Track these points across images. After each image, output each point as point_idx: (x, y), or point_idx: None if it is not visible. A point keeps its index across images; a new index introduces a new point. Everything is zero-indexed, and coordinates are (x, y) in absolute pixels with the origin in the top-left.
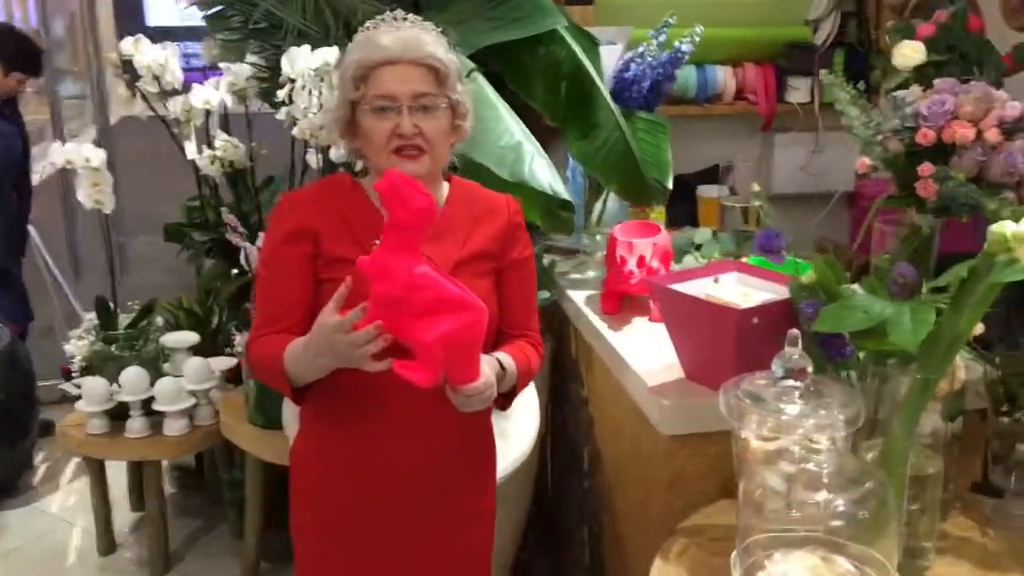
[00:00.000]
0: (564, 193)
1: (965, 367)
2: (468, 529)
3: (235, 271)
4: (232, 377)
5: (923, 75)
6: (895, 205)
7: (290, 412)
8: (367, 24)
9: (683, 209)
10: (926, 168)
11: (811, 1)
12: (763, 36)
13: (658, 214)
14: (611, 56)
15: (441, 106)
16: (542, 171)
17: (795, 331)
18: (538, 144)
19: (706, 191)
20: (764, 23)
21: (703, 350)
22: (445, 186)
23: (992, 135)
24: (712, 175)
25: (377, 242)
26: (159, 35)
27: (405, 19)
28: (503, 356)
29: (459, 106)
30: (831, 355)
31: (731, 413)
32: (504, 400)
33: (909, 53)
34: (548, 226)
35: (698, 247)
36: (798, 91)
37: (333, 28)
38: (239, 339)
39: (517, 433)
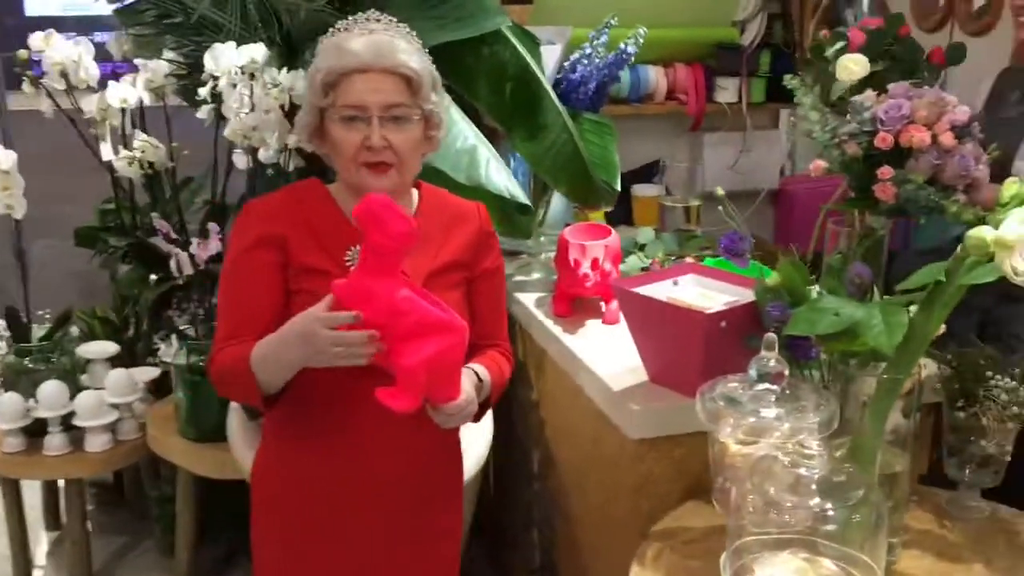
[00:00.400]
0: (522, 196)
1: (923, 364)
2: (436, 545)
3: (154, 277)
4: (155, 388)
5: (862, 84)
6: (853, 207)
7: (236, 423)
8: (338, 25)
9: (618, 208)
10: (886, 171)
11: (738, 3)
12: (693, 37)
13: (597, 215)
14: (551, 56)
15: (414, 117)
16: (498, 174)
17: (772, 335)
18: (492, 147)
19: (642, 190)
20: (694, 24)
21: (669, 353)
22: (415, 194)
23: (947, 139)
24: (644, 174)
25: (350, 256)
26: (41, 26)
27: (378, 21)
28: (479, 368)
29: (432, 116)
30: (798, 356)
31: (708, 417)
32: (477, 412)
33: (853, 67)
34: (505, 230)
35: (641, 247)
36: (726, 91)
37: (261, 25)
38: (163, 348)
39: (472, 437)
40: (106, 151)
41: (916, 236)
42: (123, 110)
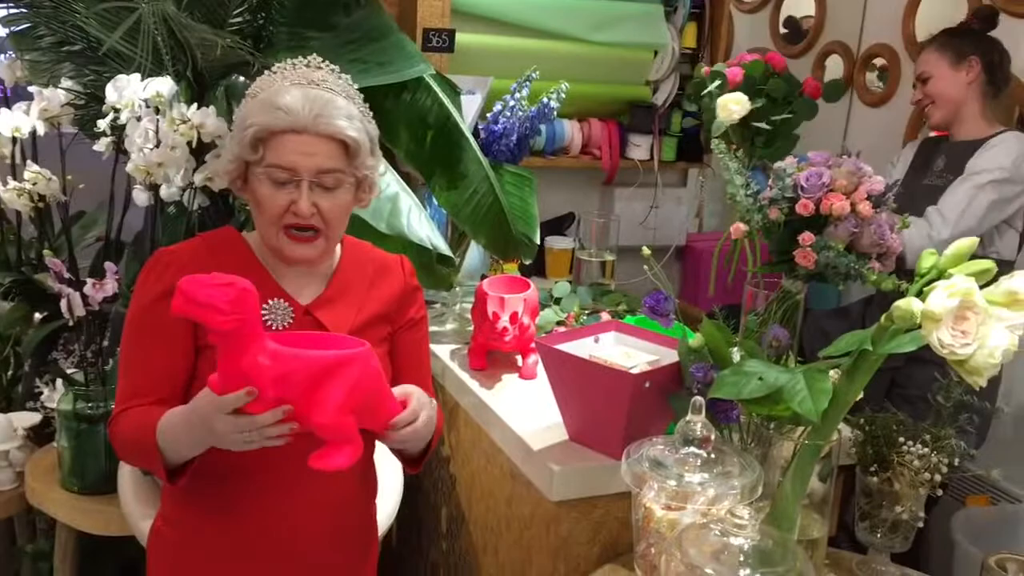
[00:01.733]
0: (444, 247)
1: (839, 429)
2: None
3: (39, 316)
4: (34, 436)
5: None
6: (774, 271)
7: (128, 476)
8: (275, 68)
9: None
10: (807, 237)
11: (652, 63)
12: (608, 94)
13: (511, 266)
14: (470, 106)
15: (346, 182)
16: (420, 224)
17: (699, 399)
18: (415, 196)
19: (556, 242)
20: (609, 81)
21: (592, 412)
22: (337, 248)
23: (865, 208)
24: (556, 226)
25: (266, 310)
26: None
27: (320, 68)
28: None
29: (365, 181)
30: (719, 419)
31: (634, 480)
32: (418, 457)
33: (732, 106)
34: (426, 281)
35: (557, 300)
36: (639, 148)
37: (170, 59)
38: (46, 393)
39: (383, 489)
40: None
41: (813, 299)
42: (14, 139)
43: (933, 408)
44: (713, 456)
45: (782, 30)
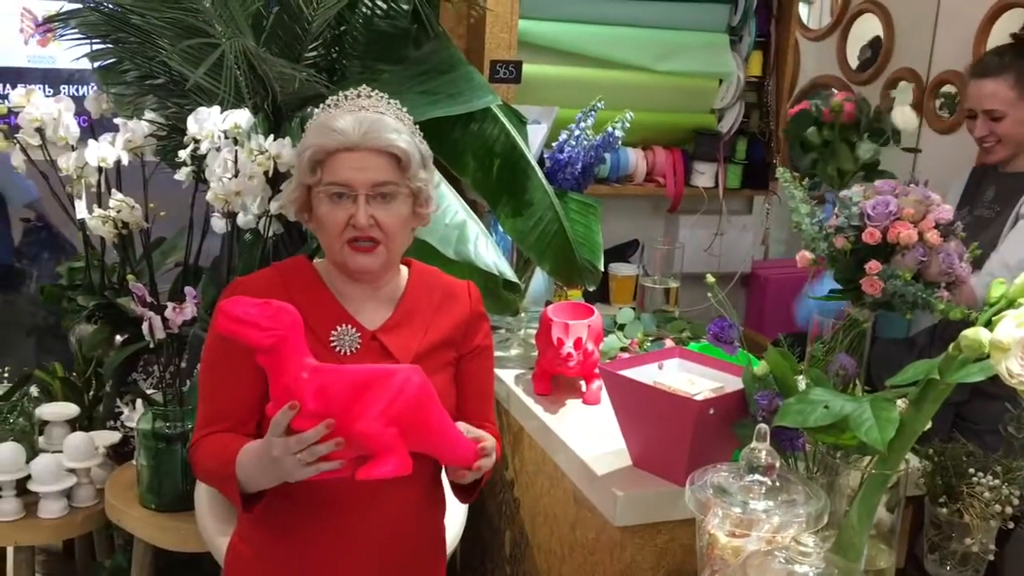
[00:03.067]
0: (510, 274)
1: (907, 459)
2: None
3: (119, 338)
4: (114, 454)
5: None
6: (839, 299)
7: (205, 494)
8: (328, 101)
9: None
10: (874, 266)
11: (717, 92)
12: (672, 122)
13: (576, 292)
14: (536, 135)
15: (401, 194)
16: (487, 251)
17: (764, 426)
18: (481, 223)
19: (620, 269)
20: (674, 110)
21: (655, 439)
22: (404, 271)
23: (933, 236)
24: (620, 253)
25: (335, 336)
26: (4, 77)
27: (369, 97)
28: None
29: (420, 193)
30: (784, 447)
31: (698, 507)
32: (471, 487)
33: (910, 117)
34: (492, 307)
35: (621, 327)
36: (703, 175)
37: (249, 92)
38: (126, 413)
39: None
40: (80, 209)
41: (881, 328)
42: (100, 168)
43: (1004, 439)
44: (778, 484)
45: (852, 56)
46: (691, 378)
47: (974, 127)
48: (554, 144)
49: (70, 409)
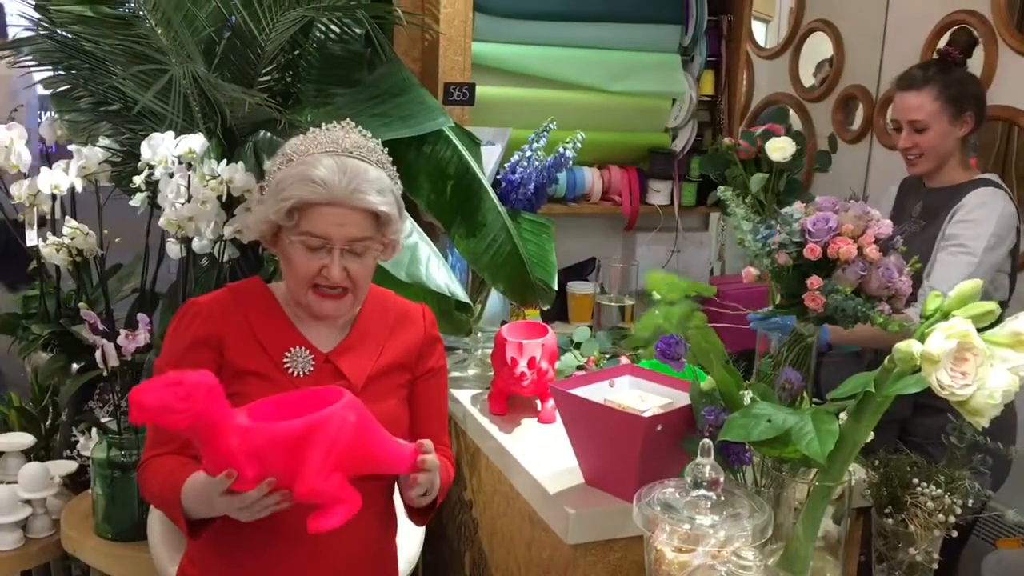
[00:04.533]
0: (461, 295)
1: (852, 471)
2: None
3: (76, 367)
4: (71, 483)
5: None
6: (783, 314)
7: (157, 523)
8: (310, 133)
9: (553, 304)
10: (815, 281)
11: (670, 111)
12: (627, 141)
13: (533, 312)
14: (490, 157)
15: (375, 248)
16: (438, 272)
17: (708, 441)
18: (434, 245)
19: (577, 287)
20: (628, 129)
21: (606, 456)
22: None
23: (872, 252)
24: (579, 271)
25: (288, 358)
26: None
27: (350, 135)
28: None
29: (391, 244)
30: (731, 462)
31: (645, 523)
32: (425, 510)
33: (782, 147)
34: (444, 328)
35: (577, 345)
36: (659, 193)
37: (201, 116)
38: (82, 442)
39: (404, 536)
40: (31, 237)
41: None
42: (54, 195)
43: (947, 450)
44: (723, 498)
45: (804, 75)
46: (641, 395)
47: (899, 139)
48: (507, 165)
49: (25, 439)
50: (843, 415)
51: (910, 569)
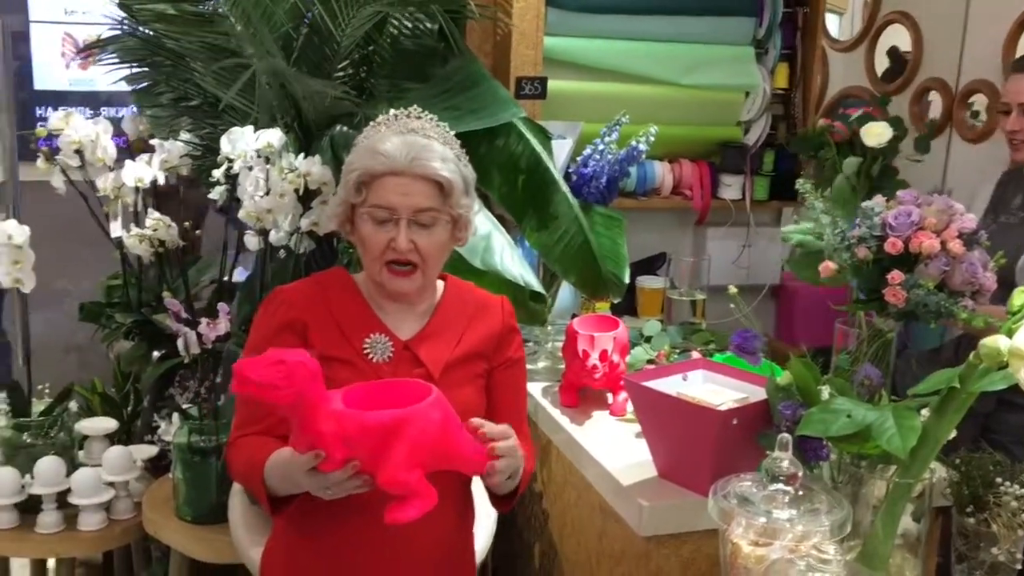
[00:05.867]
0: (536, 285)
1: (933, 469)
2: None
3: (157, 354)
4: (152, 467)
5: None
6: (862, 309)
7: (239, 507)
8: (379, 120)
9: (623, 299)
10: (896, 276)
11: (743, 104)
12: (699, 135)
13: (603, 305)
14: (561, 150)
15: (442, 220)
16: (512, 262)
17: (786, 436)
18: (508, 236)
19: (647, 282)
20: (700, 123)
21: (680, 449)
22: (439, 285)
23: (956, 246)
24: (648, 266)
25: (368, 345)
26: (48, 99)
27: (418, 118)
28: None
29: (460, 219)
30: (808, 457)
31: (721, 516)
32: (508, 496)
33: (879, 132)
34: (520, 318)
35: (647, 339)
36: (730, 188)
37: (279, 111)
38: (163, 427)
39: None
40: (116, 228)
41: (913, 339)
42: (137, 188)
43: None
44: (801, 493)
45: (880, 66)
46: (715, 389)
47: (1007, 123)
48: (579, 158)
49: (109, 424)
50: (924, 411)
51: (992, 569)
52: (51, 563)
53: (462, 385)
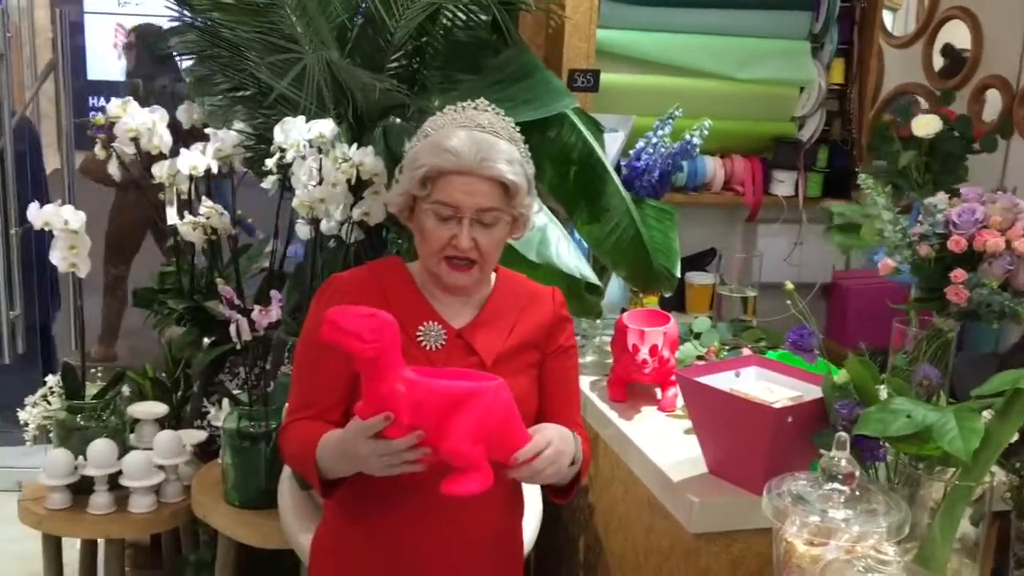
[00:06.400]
0: (591, 276)
1: (992, 472)
2: None
3: (207, 340)
4: (200, 452)
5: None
6: (923, 307)
7: (288, 492)
8: (447, 110)
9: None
10: (959, 274)
11: (798, 100)
12: (752, 130)
13: (652, 300)
14: (613, 143)
15: (503, 219)
16: (568, 254)
17: (844, 435)
18: (563, 228)
19: (696, 278)
20: (753, 118)
21: (732, 446)
22: (491, 276)
23: (1021, 244)
24: (696, 261)
25: (422, 332)
26: (100, 89)
27: (486, 111)
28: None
29: (520, 218)
30: (865, 457)
31: (775, 514)
32: (568, 486)
33: (927, 122)
34: (575, 309)
35: (697, 335)
36: (783, 184)
37: (332, 102)
38: (213, 412)
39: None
40: (171, 215)
41: (970, 341)
42: (191, 177)
43: None
44: (858, 493)
45: (936, 63)
46: (769, 386)
47: None
48: (631, 151)
49: (160, 408)
50: (985, 413)
51: None
52: (101, 544)
53: (515, 375)
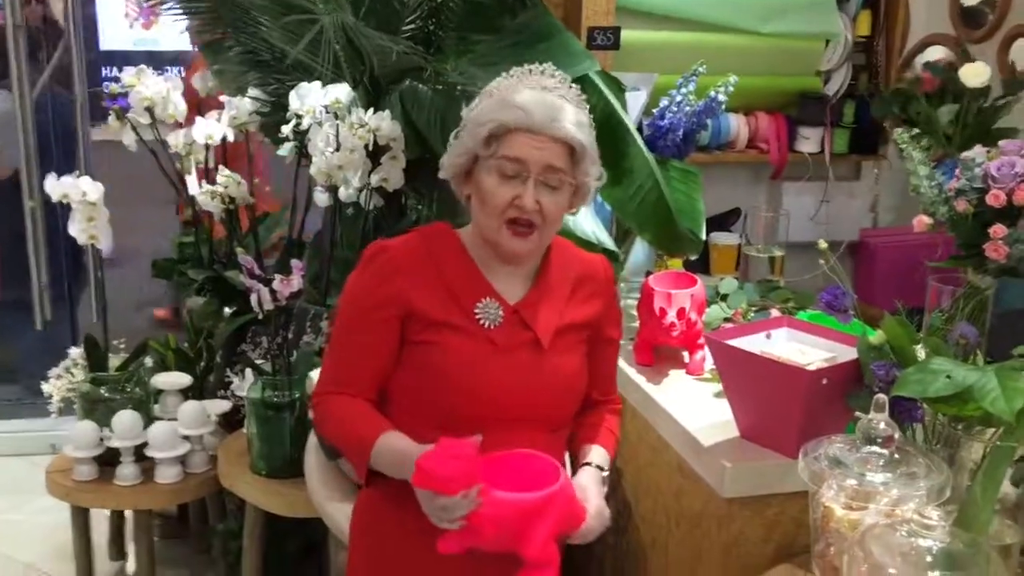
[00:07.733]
0: (609, 243)
1: None
2: None
3: (229, 310)
4: (225, 422)
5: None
6: (960, 265)
7: (315, 462)
8: (512, 72)
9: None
10: (999, 230)
11: (823, 53)
12: (776, 86)
13: (676, 262)
14: (635, 103)
15: (566, 185)
16: (585, 220)
17: (882, 396)
18: None
19: (721, 238)
20: (777, 73)
21: (765, 409)
22: None
23: None
24: (720, 222)
25: (480, 309)
26: (113, 60)
27: (553, 76)
28: (601, 457)
29: (581, 188)
30: (902, 419)
31: (812, 478)
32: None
33: (978, 71)
34: None
35: (724, 297)
36: (808, 141)
37: (348, 66)
38: (236, 382)
39: None
40: (191, 184)
41: (1003, 297)
42: (207, 145)
43: None
44: (897, 456)
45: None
46: (801, 348)
47: None
48: (655, 111)
49: (183, 379)
50: None
51: None
52: (128, 515)
53: (569, 352)
